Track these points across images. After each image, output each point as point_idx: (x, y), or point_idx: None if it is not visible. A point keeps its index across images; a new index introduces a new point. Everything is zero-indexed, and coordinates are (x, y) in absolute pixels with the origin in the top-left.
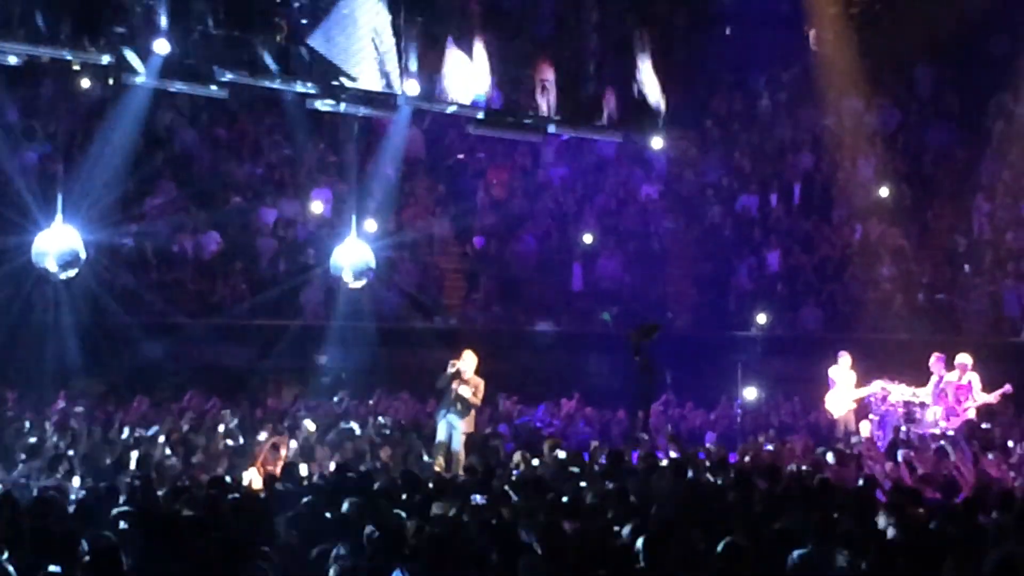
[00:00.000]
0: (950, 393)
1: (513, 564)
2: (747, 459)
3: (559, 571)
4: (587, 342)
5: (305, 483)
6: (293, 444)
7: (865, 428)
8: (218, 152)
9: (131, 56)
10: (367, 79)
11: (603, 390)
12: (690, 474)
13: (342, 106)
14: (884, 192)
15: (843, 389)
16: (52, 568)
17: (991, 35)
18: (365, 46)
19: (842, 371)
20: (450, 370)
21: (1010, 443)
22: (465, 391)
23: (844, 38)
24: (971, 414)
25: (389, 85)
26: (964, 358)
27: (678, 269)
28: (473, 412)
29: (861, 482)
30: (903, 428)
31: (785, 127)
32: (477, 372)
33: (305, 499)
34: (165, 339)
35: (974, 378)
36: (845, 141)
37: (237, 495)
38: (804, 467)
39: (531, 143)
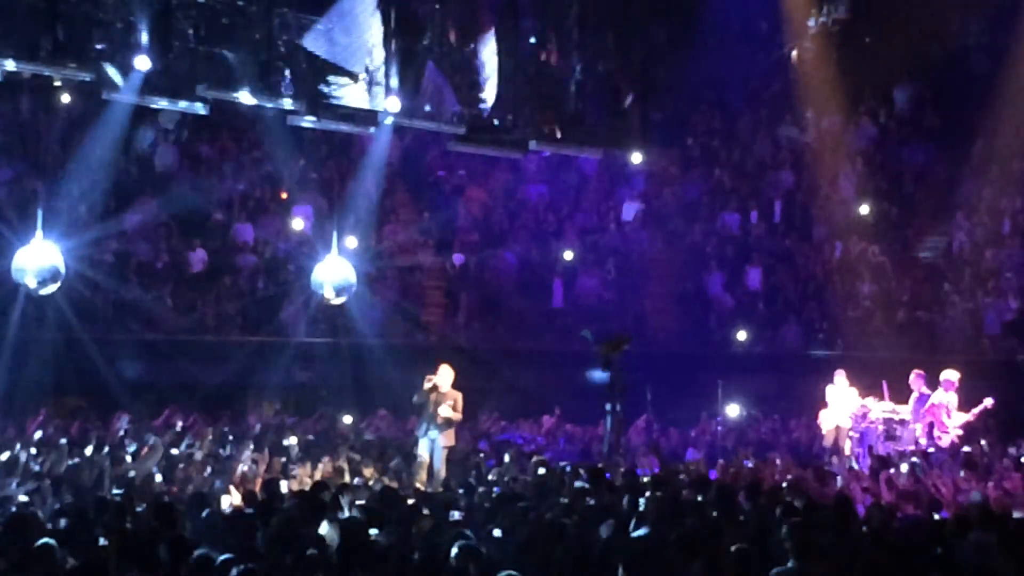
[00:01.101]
0: (942, 410)
1: None
2: (728, 476)
3: None
4: (568, 359)
5: (285, 501)
6: (274, 462)
7: (847, 445)
8: (198, 168)
9: (112, 72)
10: (349, 95)
11: (584, 407)
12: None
13: (323, 123)
14: (864, 210)
15: (839, 407)
16: None
17: (971, 53)
18: (350, 62)
19: (839, 390)
20: (426, 385)
21: (988, 461)
22: (445, 410)
23: (824, 56)
24: (956, 432)
25: (371, 101)
26: (950, 374)
27: (659, 286)
28: (454, 427)
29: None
30: (875, 445)
31: (765, 145)
32: (455, 387)
33: (284, 516)
34: (144, 355)
35: (952, 398)
36: (825, 159)
37: (217, 513)
38: (785, 484)
39: (512, 160)
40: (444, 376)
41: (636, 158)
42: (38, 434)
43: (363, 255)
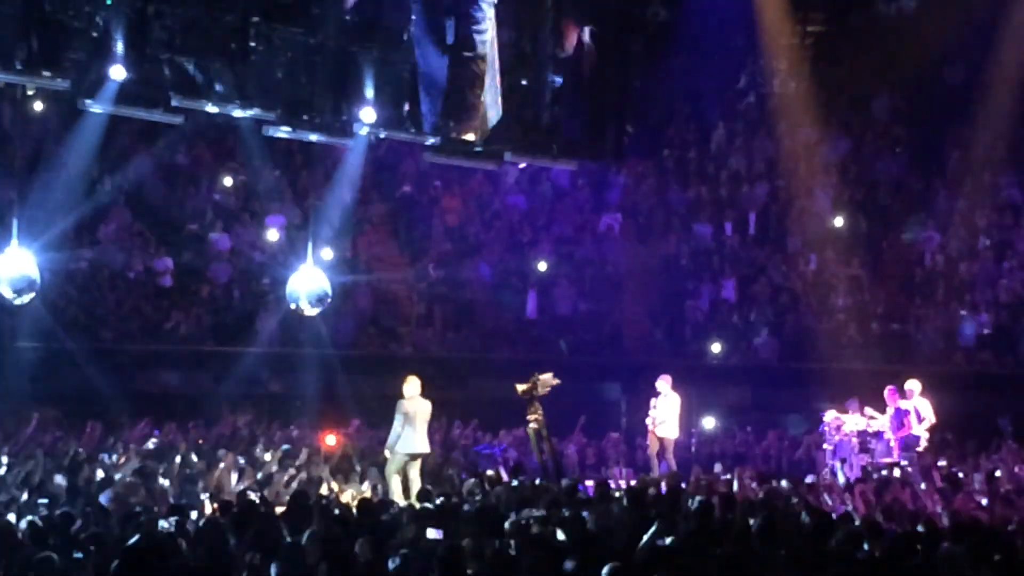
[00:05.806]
0: (912, 418)
1: None
2: (701, 489)
3: None
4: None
5: (262, 511)
6: (248, 471)
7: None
8: (173, 178)
9: (87, 81)
10: (324, 106)
11: (560, 419)
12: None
13: (298, 133)
14: (839, 222)
15: (665, 415)
16: None
17: (946, 66)
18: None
19: (665, 397)
20: (408, 405)
21: (960, 474)
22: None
23: (799, 68)
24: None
25: (345, 112)
26: (912, 384)
27: (633, 297)
28: (424, 434)
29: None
30: (849, 458)
31: (740, 157)
32: (427, 397)
33: (261, 527)
34: (119, 365)
35: (921, 405)
36: (800, 171)
37: (193, 523)
38: (759, 497)
39: (488, 171)
40: (412, 386)
41: (612, 170)
42: (12, 443)
43: (338, 266)
